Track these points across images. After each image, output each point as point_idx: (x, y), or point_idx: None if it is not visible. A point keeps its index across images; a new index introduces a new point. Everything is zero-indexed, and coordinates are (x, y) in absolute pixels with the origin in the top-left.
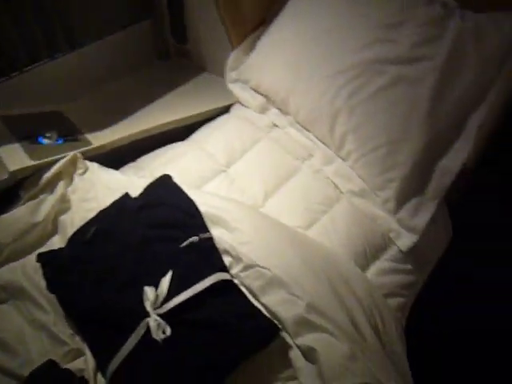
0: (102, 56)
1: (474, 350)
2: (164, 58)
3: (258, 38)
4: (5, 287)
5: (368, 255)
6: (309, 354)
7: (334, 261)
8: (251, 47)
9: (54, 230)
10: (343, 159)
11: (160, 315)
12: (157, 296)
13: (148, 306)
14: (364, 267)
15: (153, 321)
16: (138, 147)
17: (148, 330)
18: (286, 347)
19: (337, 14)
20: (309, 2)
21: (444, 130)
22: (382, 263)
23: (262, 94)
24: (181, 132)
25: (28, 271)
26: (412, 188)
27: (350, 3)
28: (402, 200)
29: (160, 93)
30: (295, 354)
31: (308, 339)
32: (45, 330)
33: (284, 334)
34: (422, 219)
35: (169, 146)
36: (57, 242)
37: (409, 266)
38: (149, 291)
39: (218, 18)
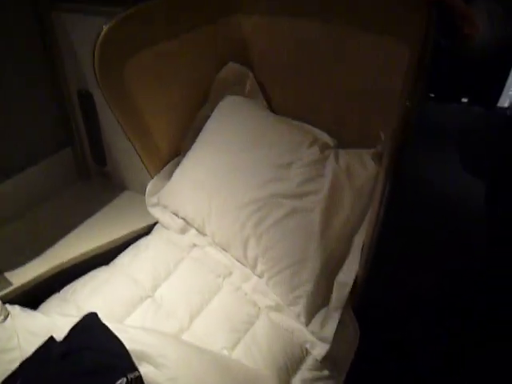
0: (22, 187)
1: None
2: (85, 179)
3: (174, 166)
4: None
5: (289, 369)
6: None
7: (256, 382)
8: (168, 174)
9: None
10: (259, 276)
11: None
12: None
13: None
14: (287, 381)
15: None
16: (61, 275)
17: None
18: None
19: (240, 154)
20: (215, 142)
21: (336, 250)
22: (303, 373)
23: (180, 218)
24: (105, 253)
25: None
26: (317, 302)
27: (250, 143)
28: (311, 313)
29: (82, 217)
30: None
31: None
32: None
33: None
34: (330, 329)
35: (93, 273)
36: None
37: (326, 372)
38: None
39: None
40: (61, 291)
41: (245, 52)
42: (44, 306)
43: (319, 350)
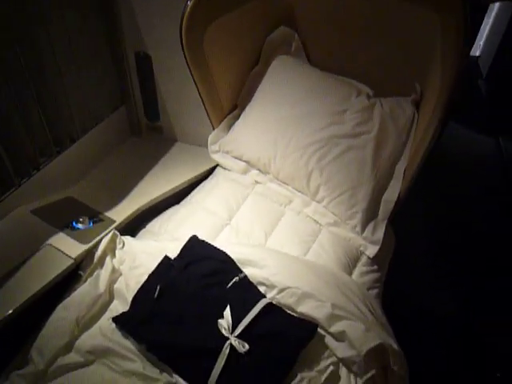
0: (91, 142)
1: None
2: (136, 135)
3: (232, 118)
4: (91, 351)
5: (350, 265)
6: (339, 335)
7: (333, 273)
8: (227, 126)
9: (111, 298)
10: (318, 202)
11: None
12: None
13: (225, 332)
14: (350, 273)
15: (233, 341)
16: (143, 214)
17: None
18: (322, 336)
19: (297, 104)
20: (272, 95)
21: (383, 176)
22: (360, 268)
23: (243, 161)
24: (175, 195)
25: (106, 333)
26: (369, 215)
27: (305, 95)
28: (364, 224)
29: (147, 165)
30: (328, 339)
31: (338, 326)
32: (136, 375)
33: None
34: (379, 234)
35: (172, 210)
36: (118, 306)
37: (375, 267)
38: (222, 322)
39: (186, 96)
40: (147, 226)
41: (292, 16)
42: (140, 238)
43: (371, 250)
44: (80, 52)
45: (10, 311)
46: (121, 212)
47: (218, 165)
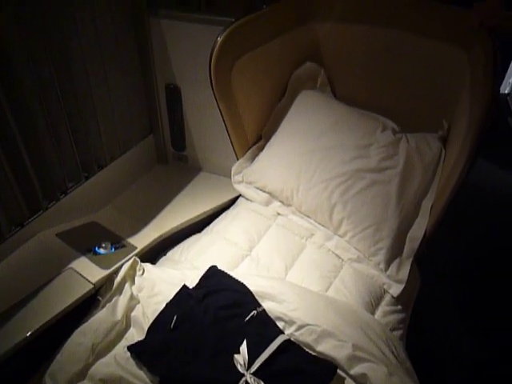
0: (119, 169)
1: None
2: (163, 163)
3: (257, 149)
4: (104, 380)
5: (373, 303)
6: (360, 378)
7: (355, 311)
8: (251, 157)
9: (128, 325)
10: (341, 236)
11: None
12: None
13: (241, 369)
14: (372, 313)
15: (249, 378)
16: (164, 241)
17: None
18: (341, 379)
19: (322, 137)
20: (297, 128)
21: (408, 212)
22: (383, 308)
23: (265, 192)
24: (197, 223)
25: (120, 362)
26: (394, 253)
27: (330, 129)
28: (388, 261)
29: (171, 193)
30: (348, 382)
31: (359, 368)
32: None
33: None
34: (404, 272)
35: (193, 239)
36: (134, 334)
37: (399, 307)
38: (238, 358)
39: (211, 127)
40: (167, 254)
41: (318, 52)
42: (160, 265)
43: (395, 289)
44: (113, 81)
45: (28, 334)
46: (143, 239)
47: (240, 195)
